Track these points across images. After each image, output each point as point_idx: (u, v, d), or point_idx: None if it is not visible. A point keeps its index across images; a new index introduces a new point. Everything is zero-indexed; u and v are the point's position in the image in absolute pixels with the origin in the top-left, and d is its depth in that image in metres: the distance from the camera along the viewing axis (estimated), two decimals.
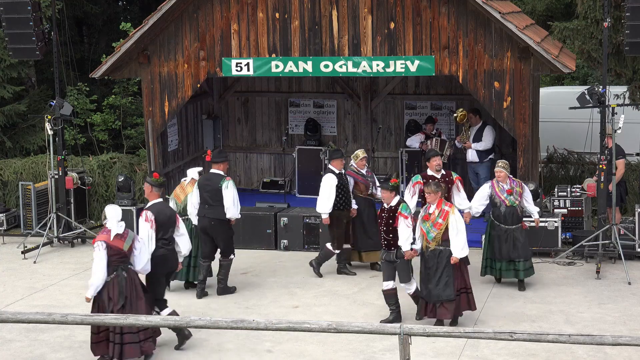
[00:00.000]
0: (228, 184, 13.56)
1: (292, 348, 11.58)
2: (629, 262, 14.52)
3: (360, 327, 9.50)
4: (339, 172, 14.49)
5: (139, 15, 25.05)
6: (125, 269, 10.96)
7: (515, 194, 13.70)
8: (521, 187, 13.85)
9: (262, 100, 20.19)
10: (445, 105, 19.15)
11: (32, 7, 16.11)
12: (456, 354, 11.30)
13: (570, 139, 18.79)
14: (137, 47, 16.65)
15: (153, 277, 11.55)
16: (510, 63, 15.43)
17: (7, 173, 18.75)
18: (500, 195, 13.69)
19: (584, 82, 24.54)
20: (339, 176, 14.43)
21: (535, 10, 24.30)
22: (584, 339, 8.80)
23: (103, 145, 21.67)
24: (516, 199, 13.71)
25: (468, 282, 12.32)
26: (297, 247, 16.04)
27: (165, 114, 16.98)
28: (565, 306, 12.95)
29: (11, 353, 11.69)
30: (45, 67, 22.90)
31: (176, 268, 12.00)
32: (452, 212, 12.05)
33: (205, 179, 13.73)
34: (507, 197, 13.67)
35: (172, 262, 11.79)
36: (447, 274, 12.04)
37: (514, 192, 13.69)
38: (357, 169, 14.78)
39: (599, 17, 15.92)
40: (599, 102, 14.51)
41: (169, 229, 11.68)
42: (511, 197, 13.67)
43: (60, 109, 16.49)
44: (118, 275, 10.89)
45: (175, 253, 11.85)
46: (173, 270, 12.00)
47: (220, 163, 13.75)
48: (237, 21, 16.36)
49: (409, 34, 15.74)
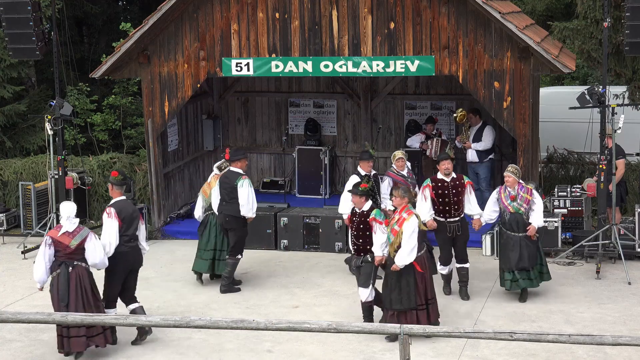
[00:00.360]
0: (243, 182, 13.87)
1: (292, 348, 11.58)
2: (629, 262, 14.52)
3: (360, 327, 9.51)
4: (365, 174, 14.30)
5: (139, 15, 25.06)
6: (71, 265, 11.18)
7: (521, 200, 13.13)
8: (530, 194, 13.25)
9: (262, 100, 20.19)
10: (445, 105, 19.15)
11: (32, 7, 16.11)
12: (456, 354, 11.30)
13: (570, 139, 18.79)
14: (137, 47, 16.65)
15: (111, 273, 11.73)
16: (510, 63, 15.43)
17: (7, 173, 18.76)
18: (504, 202, 13.25)
19: (584, 82, 24.54)
20: (364, 178, 14.17)
21: (535, 10, 24.31)
22: (584, 339, 8.80)
23: (103, 145, 21.67)
24: (521, 206, 13.14)
25: (430, 294, 11.84)
26: (297, 247, 16.05)
27: (165, 114, 16.98)
28: (565, 306, 12.95)
29: (11, 353, 11.69)
30: (45, 67, 22.91)
31: (138, 266, 12.05)
32: (408, 220, 11.58)
33: (224, 176, 14.09)
34: (510, 204, 13.16)
35: (133, 259, 11.90)
36: (405, 282, 11.59)
37: (519, 198, 13.14)
38: (396, 170, 14.70)
39: (598, 17, 15.92)
40: (599, 102, 14.51)
41: (131, 226, 11.80)
42: (514, 203, 13.14)
43: (60, 109, 16.49)
44: (61, 271, 11.15)
45: (137, 250, 11.96)
46: (136, 267, 12.03)
47: (237, 161, 14.05)
48: (237, 21, 16.36)
49: (409, 34, 15.74)
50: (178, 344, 11.84)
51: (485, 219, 13.54)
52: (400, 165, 14.65)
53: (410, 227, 11.57)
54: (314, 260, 15.56)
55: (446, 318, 12.58)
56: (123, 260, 11.74)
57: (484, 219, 13.54)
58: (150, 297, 13.77)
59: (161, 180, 17.38)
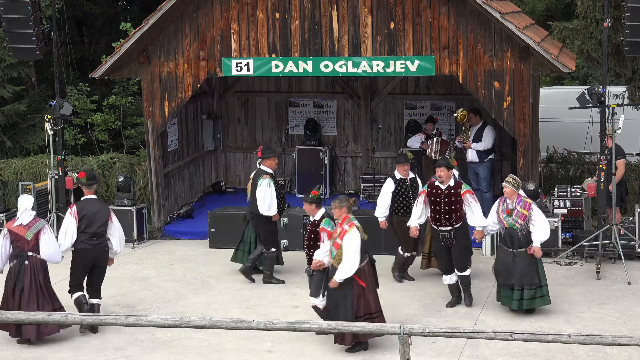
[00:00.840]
0: (262, 182, 14.16)
1: (292, 348, 11.58)
2: (629, 262, 14.52)
3: (360, 327, 9.51)
4: (400, 177, 14.11)
5: (139, 15, 25.07)
6: (26, 257, 11.74)
7: (516, 215, 12.39)
8: (528, 209, 12.44)
9: (262, 100, 20.19)
10: (445, 105, 19.15)
11: (32, 7, 16.11)
12: (456, 354, 11.30)
13: (570, 139, 18.79)
14: (137, 47, 16.65)
15: (73, 265, 12.33)
16: (510, 63, 15.43)
17: (7, 173, 18.77)
18: (500, 215, 12.60)
19: (584, 82, 24.54)
20: (398, 182, 14.08)
21: (535, 10, 24.33)
22: (584, 339, 8.80)
23: (103, 145, 21.68)
24: (516, 222, 12.40)
25: (374, 307, 11.38)
26: (297, 247, 16.02)
27: (165, 114, 16.98)
28: (565, 306, 12.95)
29: (11, 353, 11.69)
30: (45, 67, 22.91)
31: (101, 263, 12.37)
32: (349, 232, 11.13)
33: (254, 173, 14.44)
34: (505, 218, 12.47)
35: (94, 256, 12.26)
36: (342, 296, 11.20)
37: (514, 213, 12.40)
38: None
39: (598, 17, 15.92)
40: (599, 102, 14.51)
41: (92, 225, 12.17)
42: (510, 218, 12.43)
43: (60, 109, 16.49)
44: (18, 262, 11.73)
45: (101, 249, 12.30)
46: (98, 264, 12.34)
47: (266, 159, 14.37)
48: (237, 21, 16.36)
49: (409, 34, 15.74)
50: (178, 344, 11.84)
51: (488, 230, 13.08)
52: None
53: (351, 240, 11.12)
54: None
55: (446, 318, 12.58)
56: (82, 257, 12.23)
57: (487, 230, 13.05)
58: (150, 297, 13.79)
59: (161, 180, 17.39)
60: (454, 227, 12.94)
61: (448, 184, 12.98)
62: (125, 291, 14.15)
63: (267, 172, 14.25)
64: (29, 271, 11.71)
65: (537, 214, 12.51)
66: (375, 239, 15.68)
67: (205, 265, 15.43)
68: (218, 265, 15.40)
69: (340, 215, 11.37)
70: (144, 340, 11.94)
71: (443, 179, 12.96)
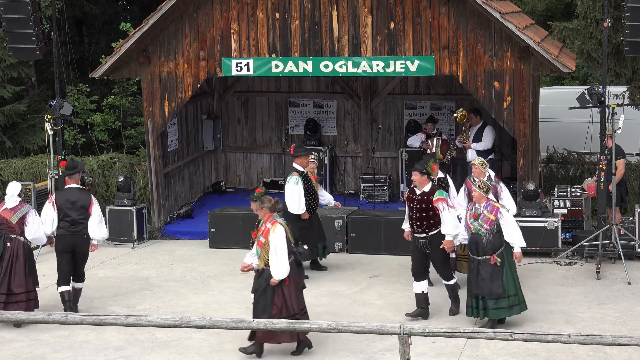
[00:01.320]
0: (290, 179, 14.39)
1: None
2: (629, 262, 14.51)
3: (360, 327, 9.50)
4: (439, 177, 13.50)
5: (139, 15, 25.07)
6: (9, 239, 12.61)
7: (482, 220, 11.82)
8: (496, 213, 11.81)
9: (262, 100, 20.19)
10: (445, 105, 19.15)
11: (32, 7, 16.11)
12: (456, 354, 11.30)
13: (570, 139, 18.79)
14: (137, 47, 16.65)
15: (56, 253, 13.14)
16: (510, 63, 15.43)
17: (7, 173, 18.76)
18: (467, 219, 12.07)
19: (584, 82, 24.55)
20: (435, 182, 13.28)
21: (535, 10, 24.33)
22: (584, 339, 8.80)
23: (103, 145, 21.67)
24: (482, 226, 11.83)
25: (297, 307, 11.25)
26: None
27: (165, 114, 16.98)
28: (565, 306, 12.94)
29: (11, 353, 11.69)
30: (45, 67, 22.92)
31: (80, 249, 13.03)
32: (273, 231, 11.11)
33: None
34: (472, 223, 11.94)
35: (71, 242, 12.96)
36: (264, 296, 11.18)
37: (481, 217, 11.86)
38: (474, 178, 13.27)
39: (598, 17, 15.93)
40: (599, 102, 14.51)
41: (70, 213, 12.89)
42: (476, 222, 11.89)
43: (60, 109, 16.49)
44: (1, 243, 12.57)
45: (79, 236, 12.97)
46: (77, 250, 13.01)
47: (297, 157, 14.57)
48: (237, 21, 16.36)
49: (409, 34, 15.74)
50: (178, 344, 11.84)
51: (459, 240, 12.37)
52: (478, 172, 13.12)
53: (275, 238, 11.05)
54: None
55: (446, 318, 12.58)
56: (61, 242, 13.00)
57: (457, 240, 12.40)
58: (150, 297, 13.79)
59: (161, 180, 17.39)
60: (428, 235, 12.40)
61: (422, 190, 12.41)
62: (125, 291, 14.15)
63: (297, 170, 14.37)
64: (9, 251, 12.58)
65: (507, 219, 11.95)
66: (375, 240, 15.71)
67: (205, 265, 15.43)
68: (218, 265, 15.40)
69: (264, 216, 11.33)
70: (144, 340, 11.94)
71: (416, 184, 12.45)
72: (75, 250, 13.03)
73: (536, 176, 16.43)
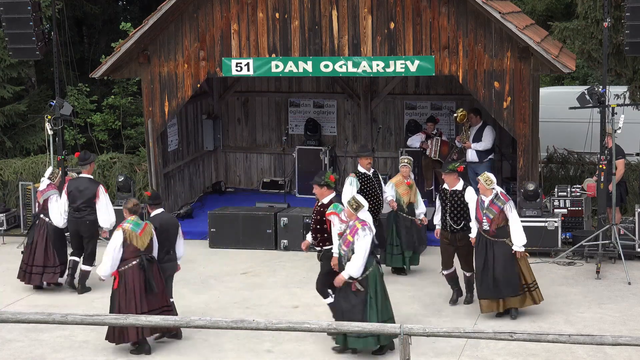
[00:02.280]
0: (346, 180, 14.37)
1: (292, 348, 11.58)
2: (629, 262, 14.52)
3: (360, 327, 9.51)
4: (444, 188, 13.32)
5: (139, 15, 25.06)
6: (37, 218, 14.20)
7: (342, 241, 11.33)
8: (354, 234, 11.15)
9: (262, 100, 20.19)
10: (445, 105, 19.15)
11: (32, 7, 16.11)
12: (456, 354, 11.30)
13: (570, 139, 18.78)
14: (137, 47, 16.65)
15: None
16: (510, 63, 15.43)
17: (7, 173, 18.77)
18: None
19: (584, 82, 24.54)
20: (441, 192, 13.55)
21: (535, 10, 24.33)
22: (584, 339, 8.80)
23: (103, 145, 21.68)
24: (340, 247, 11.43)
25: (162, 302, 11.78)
26: (297, 247, 15.99)
27: (165, 114, 16.98)
28: (565, 306, 12.95)
29: (11, 353, 11.70)
30: (45, 67, 22.92)
31: (85, 234, 14.08)
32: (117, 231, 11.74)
33: None
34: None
35: (75, 226, 14.07)
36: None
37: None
38: None
39: (599, 17, 15.92)
40: (599, 102, 14.51)
41: (76, 200, 13.99)
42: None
43: (60, 109, 16.49)
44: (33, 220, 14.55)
45: (82, 222, 14.03)
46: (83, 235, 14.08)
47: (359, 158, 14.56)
48: (237, 21, 16.36)
49: (409, 34, 15.74)
50: (178, 344, 11.84)
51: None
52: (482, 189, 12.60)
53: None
54: (314, 260, 15.48)
55: (446, 318, 12.58)
56: (69, 226, 14.18)
57: None
58: None
59: (161, 180, 17.38)
60: (322, 249, 12.14)
61: (322, 202, 12.12)
62: None
63: (355, 171, 14.36)
64: (38, 229, 14.09)
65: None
66: None
67: (205, 265, 15.43)
68: (218, 265, 15.41)
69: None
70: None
71: (317, 196, 12.22)
72: (80, 235, 14.15)
73: (536, 176, 16.43)
